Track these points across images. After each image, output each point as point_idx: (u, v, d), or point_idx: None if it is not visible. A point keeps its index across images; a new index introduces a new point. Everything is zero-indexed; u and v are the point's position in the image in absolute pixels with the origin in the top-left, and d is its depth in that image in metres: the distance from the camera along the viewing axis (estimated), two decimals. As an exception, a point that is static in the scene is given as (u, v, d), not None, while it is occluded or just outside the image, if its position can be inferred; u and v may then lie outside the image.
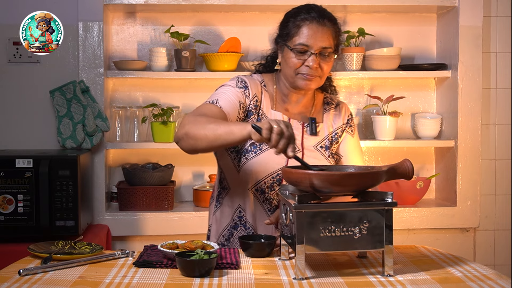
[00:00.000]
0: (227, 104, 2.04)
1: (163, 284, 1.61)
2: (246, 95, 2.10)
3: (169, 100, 3.46)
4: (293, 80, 2.08)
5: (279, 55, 2.14)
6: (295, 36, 2.05)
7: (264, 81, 2.17)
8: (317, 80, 2.08)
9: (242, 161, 2.07)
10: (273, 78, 2.19)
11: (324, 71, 2.07)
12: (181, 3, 3.24)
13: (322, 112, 2.21)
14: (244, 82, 2.12)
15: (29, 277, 1.67)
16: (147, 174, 3.27)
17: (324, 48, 2.03)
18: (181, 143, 1.97)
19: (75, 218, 2.79)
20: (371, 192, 1.73)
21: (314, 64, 2.02)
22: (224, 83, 2.15)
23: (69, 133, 3.12)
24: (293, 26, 2.06)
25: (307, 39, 2.03)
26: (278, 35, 2.14)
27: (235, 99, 2.07)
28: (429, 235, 3.46)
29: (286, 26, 2.09)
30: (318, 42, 2.03)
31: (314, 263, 1.81)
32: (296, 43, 2.04)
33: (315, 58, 2.02)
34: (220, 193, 2.19)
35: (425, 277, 1.68)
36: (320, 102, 2.23)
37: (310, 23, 2.04)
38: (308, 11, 2.07)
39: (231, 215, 2.15)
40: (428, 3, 3.35)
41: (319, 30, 2.03)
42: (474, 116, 3.37)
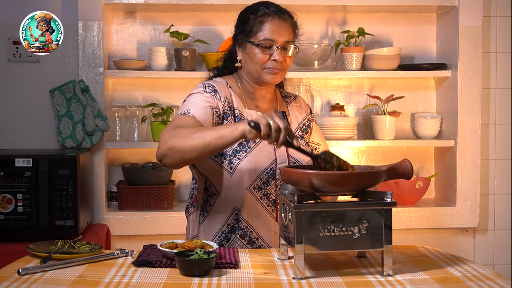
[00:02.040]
0: (199, 112, 2.03)
1: (162, 283, 1.61)
2: (217, 98, 2.10)
3: (169, 99, 3.46)
4: (259, 76, 2.12)
5: (239, 53, 2.17)
6: (259, 31, 2.09)
7: (228, 82, 2.19)
8: (282, 74, 2.13)
9: (235, 162, 2.06)
10: (235, 78, 2.22)
11: (287, 64, 2.13)
12: (181, 2, 3.24)
13: (286, 105, 2.27)
14: (212, 87, 2.12)
15: (28, 276, 1.67)
16: (147, 174, 3.27)
17: (287, 42, 2.10)
18: (166, 159, 1.92)
19: (75, 218, 2.79)
20: (370, 192, 1.74)
21: (280, 58, 2.08)
22: (190, 92, 2.15)
23: (68, 132, 3.12)
24: (255, 22, 2.10)
25: (271, 34, 2.08)
26: (238, 32, 2.17)
27: (206, 105, 2.06)
28: (428, 235, 3.46)
29: (247, 23, 2.13)
30: (282, 37, 2.09)
31: (313, 262, 1.81)
32: (261, 39, 2.08)
33: (280, 52, 2.08)
34: (207, 200, 2.15)
35: (424, 277, 1.68)
36: (280, 96, 2.29)
37: (272, 18, 2.09)
38: (267, 6, 2.12)
39: (224, 220, 2.12)
40: (428, 3, 3.35)
41: (282, 25, 2.09)
42: (474, 116, 3.37)
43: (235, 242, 2.12)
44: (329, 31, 3.52)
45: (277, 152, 2.10)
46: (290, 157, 2.12)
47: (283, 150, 2.11)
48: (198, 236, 2.17)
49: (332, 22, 3.53)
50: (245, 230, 2.11)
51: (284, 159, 2.11)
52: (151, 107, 3.31)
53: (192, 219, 2.22)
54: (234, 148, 2.07)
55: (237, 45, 2.18)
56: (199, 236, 2.17)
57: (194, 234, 2.19)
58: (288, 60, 2.12)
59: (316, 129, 2.31)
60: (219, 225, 2.13)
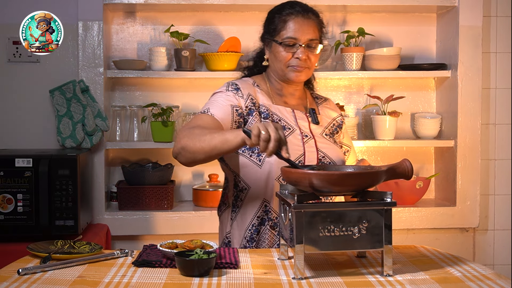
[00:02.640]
0: (218, 111, 2.08)
1: (162, 283, 1.61)
2: (240, 95, 2.14)
3: (169, 99, 3.46)
4: (284, 73, 2.15)
5: (267, 52, 2.21)
6: (282, 30, 2.13)
7: (255, 82, 2.23)
8: (306, 72, 2.15)
9: (263, 154, 2.08)
10: (264, 77, 2.26)
11: (312, 62, 2.15)
12: (181, 2, 3.23)
13: (316, 105, 2.29)
14: (234, 85, 2.17)
15: (28, 276, 1.67)
16: (147, 174, 3.27)
17: (311, 40, 2.12)
18: (179, 157, 2.00)
19: (75, 218, 2.79)
20: (370, 192, 1.74)
21: (303, 56, 2.10)
22: (215, 90, 2.19)
23: (68, 132, 3.12)
24: (280, 21, 2.14)
25: (294, 32, 2.11)
26: (265, 32, 2.22)
27: (226, 104, 2.10)
28: (428, 235, 3.46)
29: (272, 22, 2.17)
30: (305, 35, 2.11)
31: (313, 262, 1.81)
32: (284, 37, 2.12)
33: (303, 50, 2.11)
34: (238, 196, 2.17)
35: (424, 277, 1.68)
36: (310, 97, 2.31)
37: (295, 17, 2.12)
38: (292, 5, 2.16)
39: (254, 212, 2.14)
40: (428, 3, 3.35)
41: (305, 23, 2.12)
42: (474, 116, 3.37)
43: (265, 234, 2.13)
44: (329, 31, 3.52)
45: (306, 146, 2.12)
46: (319, 151, 2.13)
47: (313, 145, 2.14)
48: (231, 233, 2.19)
49: (332, 22, 3.53)
50: (275, 221, 2.12)
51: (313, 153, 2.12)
52: (151, 107, 3.31)
53: (224, 217, 2.24)
54: None
55: (264, 44, 2.23)
56: (232, 232, 2.18)
57: (227, 231, 2.21)
58: (313, 58, 2.14)
59: (346, 132, 2.34)
60: (249, 219, 2.15)
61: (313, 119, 2.21)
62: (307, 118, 2.20)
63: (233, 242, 2.18)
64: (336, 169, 1.95)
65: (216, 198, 3.33)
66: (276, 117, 2.15)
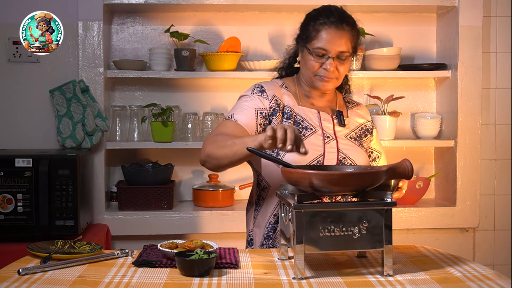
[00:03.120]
0: (242, 116, 2.12)
1: (163, 283, 1.61)
2: (264, 97, 2.17)
3: (169, 99, 3.46)
4: (311, 81, 2.17)
5: (299, 54, 2.22)
6: (314, 39, 2.12)
7: (284, 83, 2.25)
8: (334, 81, 2.16)
9: (281, 153, 2.09)
10: (294, 80, 2.28)
11: (341, 73, 2.15)
12: (181, 3, 3.23)
13: (346, 108, 2.30)
14: (260, 87, 2.20)
15: (29, 276, 1.67)
16: (147, 174, 3.27)
17: (342, 52, 2.11)
18: (206, 165, 2.07)
19: (75, 218, 2.79)
20: (370, 192, 1.74)
21: (331, 67, 2.11)
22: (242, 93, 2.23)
23: (68, 132, 3.12)
24: (313, 29, 2.13)
25: (325, 43, 2.10)
26: (299, 36, 2.21)
27: (250, 107, 2.14)
28: (428, 235, 3.46)
29: (307, 29, 2.16)
30: (336, 47, 2.10)
31: (313, 262, 1.81)
32: (314, 47, 2.11)
33: (332, 62, 2.10)
34: (260, 195, 2.21)
35: (424, 277, 1.68)
36: (342, 101, 2.32)
37: (328, 27, 2.11)
38: (328, 15, 2.13)
39: (271, 210, 2.16)
40: (428, 3, 3.35)
41: (337, 35, 2.10)
42: (474, 116, 3.37)
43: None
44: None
45: (326, 146, 2.13)
46: (340, 152, 2.14)
47: (334, 146, 2.14)
48: (253, 231, 2.23)
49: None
50: None
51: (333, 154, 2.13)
52: (151, 107, 3.31)
53: (249, 216, 2.29)
54: None
55: (298, 46, 2.23)
56: (254, 230, 2.23)
57: (250, 229, 2.26)
58: (342, 69, 2.14)
59: (378, 139, 2.35)
60: (267, 217, 2.18)
61: (339, 121, 2.21)
62: (333, 120, 2.21)
63: (255, 240, 2.22)
64: (336, 169, 1.95)
65: (216, 198, 3.34)
66: (299, 117, 2.17)
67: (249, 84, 3.68)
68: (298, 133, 1.78)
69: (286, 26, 3.49)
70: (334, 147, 2.14)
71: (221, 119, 3.38)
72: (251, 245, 2.24)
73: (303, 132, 2.13)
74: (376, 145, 2.32)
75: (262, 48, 3.51)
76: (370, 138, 2.29)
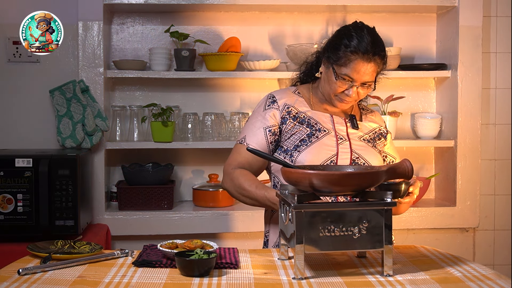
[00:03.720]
0: (253, 139, 2.19)
1: (163, 283, 1.61)
2: (275, 107, 2.21)
3: (169, 99, 3.46)
4: (330, 99, 2.20)
5: (323, 66, 2.21)
6: (343, 66, 2.10)
7: (298, 89, 2.28)
8: (352, 103, 2.20)
9: (295, 155, 2.12)
10: (309, 87, 2.30)
11: (360, 97, 2.18)
12: (181, 2, 3.23)
13: (360, 114, 2.32)
14: (272, 97, 2.24)
15: (29, 276, 1.67)
16: (147, 174, 3.27)
17: (367, 82, 2.13)
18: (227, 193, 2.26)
19: (75, 218, 2.78)
20: (370, 192, 1.73)
21: (353, 94, 2.13)
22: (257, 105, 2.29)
23: (68, 132, 3.12)
24: (344, 55, 2.10)
25: (354, 73, 2.10)
26: (327, 51, 2.18)
27: (259, 128, 2.19)
28: (428, 235, 3.46)
29: (337, 50, 2.12)
30: (363, 77, 2.11)
31: (313, 263, 1.81)
32: (342, 72, 2.11)
33: (355, 90, 2.13)
34: None
35: (424, 277, 1.68)
36: (356, 107, 2.33)
37: (361, 59, 2.08)
38: (361, 39, 2.08)
39: None
40: (428, 3, 3.35)
41: (367, 67, 2.10)
42: (474, 116, 3.37)
43: None
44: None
45: (340, 147, 2.15)
46: (353, 152, 2.15)
47: (347, 146, 2.16)
48: (269, 232, 2.26)
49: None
50: None
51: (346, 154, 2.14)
52: (151, 107, 3.31)
53: (266, 216, 2.31)
54: (295, 144, 2.15)
55: (323, 59, 2.20)
56: (270, 231, 2.26)
57: (266, 230, 2.28)
58: (362, 94, 2.16)
59: (392, 144, 2.36)
60: None
61: (352, 124, 2.23)
62: (346, 123, 2.23)
63: (270, 240, 2.24)
64: (336, 169, 1.95)
65: (216, 198, 3.34)
66: (312, 121, 2.19)
67: (249, 84, 3.70)
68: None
69: (286, 26, 3.49)
70: (347, 148, 2.16)
71: (221, 119, 3.39)
72: (266, 245, 2.27)
73: (316, 134, 2.15)
74: (390, 149, 2.33)
75: (262, 48, 3.51)
76: (384, 142, 2.30)
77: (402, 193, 1.96)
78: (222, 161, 3.48)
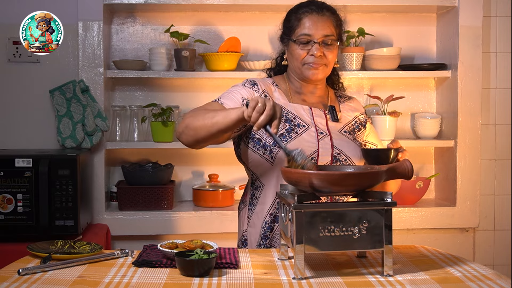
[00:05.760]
0: (228, 101, 2.11)
1: (163, 283, 1.61)
2: (255, 90, 2.17)
3: (169, 99, 3.46)
4: (301, 71, 2.16)
5: (286, 50, 2.22)
6: (297, 28, 2.14)
7: (275, 81, 2.25)
8: (324, 69, 2.15)
9: (274, 151, 2.09)
10: (284, 77, 2.27)
11: (329, 60, 2.14)
12: (181, 2, 3.24)
13: (338, 103, 2.29)
14: (252, 81, 2.20)
15: (28, 276, 1.67)
16: (147, 174, 3.27)
17: (326, 36, 2.11)
18: (182, 137, 2.04)
19: (75, 218, 2.79)
20: (370, 192, 1.73)
21: (318, 53, 2.10)
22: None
23: (68, 132, 3.12)
24: (295, 19, 2.16)
25: (309, 29, 2.11)
26: (283, 32, 2.23)
27: (238, 96, 2.14)
28: (428, 235, 3.46)
29: (289, 21, 2.19)
30: (320, 31, 2.11)
31: (313, 263, 1.81)
32: (298, 34, 2.12)
33: (318, 47, 2.10)
34: (253, 194, 2.19)
35: (424, 277, 1.68)
36: (333, 95, 2.30)
37: (310, 14, 2.13)
38: (308, 4, 2.17)
39: (267, 211, 2.14)
40: (428, 3, 3.35)
41: (320, 20, 2.12)
42: (474, 116, 3.37)
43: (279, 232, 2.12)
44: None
45: (320, 143, 2.11)
46: (334, 148, 2.12)
47: (328, 142, 2.13)
48: (248, 231, 2.20)
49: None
50: None
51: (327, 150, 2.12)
52: (151, 107, 3.31)
53: (242, 215, 2.26)
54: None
55: (283, 45, 2.23)
56: (248, 231, 2.20)
57: (244, 229, 2.23)
58: (330, 55, 2.13)
59: (372, 130, 2.33)
60: (263, 217, 2.15)
61: (332, 117, 2.20)
62: (325, 116, 2.20)
63: (250, 240, 2.19)
64: (336, 169, 1.95)
65: (216, 198, 3.34)
66: (291, 115, 2.15)
67: (249, 84, 3.66)
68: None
69: (286, 26, 3.49)
70: (328, 143, 2.12)
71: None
72: (245, 245, 2.21)
73: (295, 130, 2.12)
74: (370, 137, 2.29)
75: (262, 48, 3.51)
76: (363, 131, 2.28)
77: (390, 160, 1.94)
78: (222, 161, 3.51)
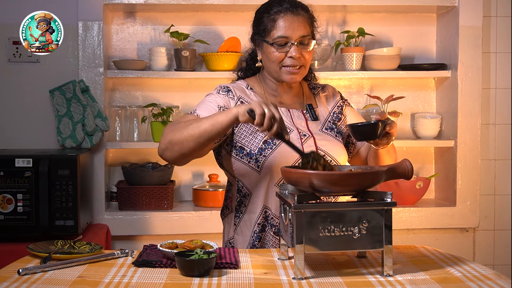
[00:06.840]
0: (205, 112, 2.05)
1: (163, 283, 1.61)
2: (230, 97, 2.12)
3: (169, 99, 3.46)
4: (278, 75, 2.11)
5: (259, 52, 2.16)
6: (273, 30, 2.07)
7: (249, 84, 2.20)
8: (302, 71, 2.11)
9: (261, 160, 2.05)
10: (258, 79, 2.22)
11: (307, 60, 2.10)
12: (181, 2, 3.24)
13: (313, 97, 2.25)
14: (226, 88, 2.15)
15: (28, 276, 1.67)
16: (147, 174, 3.27)
17: (303, 37, 2.07)
18: (166, 153, 1.99)
19: (75, 218, 2.79)
20: (370, 192, 1.73)
21: (296, 54, 2.06)
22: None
23: (68, 132, 3.12)
24: (269, 20, 2.08)
25: (285, 30, 2.06)
26: (254, 33, 2.16)
27: (213, 105, 2.08)
28: (428, 235, 3.46)
29: (261, 22, 2.11)
30: (296, 32, 2.06)
31: (313, 263, 1.81)
32: (275, 37, 2.07)
33: (296, 48, 2.06)
34: (242, 201, 2.14)
35: (424, 277, 1.68)
36: (307, 89, 2.26)
37: (284, 14, 2.07)
38: (280, 3, 2.09)
39: (255, 220, 2.11)
40: (428, 3, 3.35)
41: (295, 20, 2.06)
42: (474, 116, 3.37)
43: (269, 240, 2.11)
44: (329, 31, 3.52)
45: (305, 148, 2.07)
46: (319, 150, 2.09)
47: (312, 144, 2.09)
48: (235, 238, 2.16)
49: (332, 22, 3.53)
50: (278, 227, 2.08)
51: None
52: (151, 107, 3.31)
53: (227, 221, 2.22)
54: (259, 147, 2.06)
55: (255, 45, 2.18)
56: (235, 238, 2.16)
57: (230, 237, 2.18)
58: (307, 55, 2.08)
59: (351, 112, 2.27)
60: (252, 226, 2.12)
61: (310, 116, 2.17)
62: (304, 116, 2.16)
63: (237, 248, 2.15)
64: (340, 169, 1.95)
65: (216, 198, 3.34)
66: None
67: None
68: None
69: (286, 26, 3.49)
70: (312, 145, 2.09)
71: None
72: None
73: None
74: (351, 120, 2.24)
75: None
76: (344, 119, 2.24)
77: (378, 134, 1.91)
78: (222, 161, 3.51)
